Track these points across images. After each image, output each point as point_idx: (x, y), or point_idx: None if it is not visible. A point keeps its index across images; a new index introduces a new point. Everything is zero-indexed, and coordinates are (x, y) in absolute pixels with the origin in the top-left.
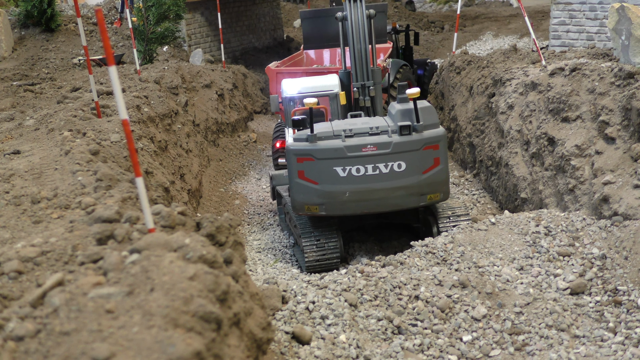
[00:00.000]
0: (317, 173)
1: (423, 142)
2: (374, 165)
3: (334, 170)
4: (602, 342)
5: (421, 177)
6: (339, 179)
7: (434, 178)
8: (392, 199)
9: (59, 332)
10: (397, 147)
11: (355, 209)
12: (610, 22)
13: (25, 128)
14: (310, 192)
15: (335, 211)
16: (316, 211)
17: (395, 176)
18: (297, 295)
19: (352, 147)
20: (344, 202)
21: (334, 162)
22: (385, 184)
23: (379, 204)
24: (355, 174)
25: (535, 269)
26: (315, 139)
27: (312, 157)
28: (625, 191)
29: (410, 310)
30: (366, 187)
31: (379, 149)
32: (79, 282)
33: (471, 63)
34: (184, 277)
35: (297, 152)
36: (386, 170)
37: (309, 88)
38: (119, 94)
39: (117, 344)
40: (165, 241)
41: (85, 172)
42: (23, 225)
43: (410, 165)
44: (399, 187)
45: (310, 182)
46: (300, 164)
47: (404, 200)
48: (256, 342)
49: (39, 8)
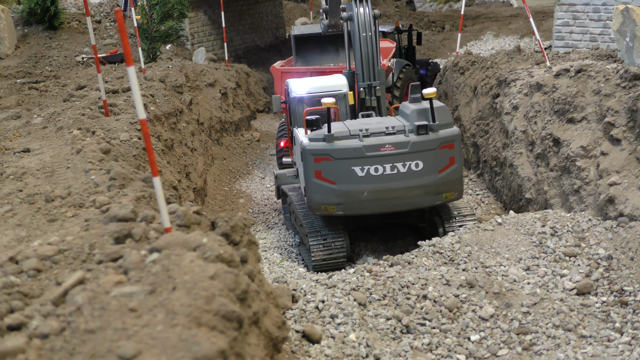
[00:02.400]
0: (335, 173)
1: (440, 141)
2: (392, 164)
3: (352, 170)
4: (609, 342)
5: (437, 176)
6: (357, 178)
7: (449, 177)
8: (409, 198)
9: (84, 330)
10: (415, 147)
11: (373, 208)
12: (614, 24)
13: (33, 126)
14: (328, 192)
15: (353, 211)
16: (333, 211)
17: (413, 175)
18: (307, 295)
19: (371, 147)
20: (362, 201)
21: (353, 161)
22: (403, 183)
23: (396, 203)
24: (374, 173)
25: (542, 269)
26: (333, 138)
27: (330, 156)
28: (631, 192)
29: (419, 309)
30: (384, 186)
31: (397, 148)
32: (100, 281)
33: (475, 63)
34: (204, 276)
35: (314, 152)
36: (404, 169)
37: (318, 88)
38: (137, 94)
39: (143, 342)
40: (184, 240)
41: (97, 170)
42: (38, 224)
43: (427, 165)
44: (416, 186)
45: (328, 182)
46: (318, 163)
47: (421, 200)
48: (272, 340)
49: (42, 6)
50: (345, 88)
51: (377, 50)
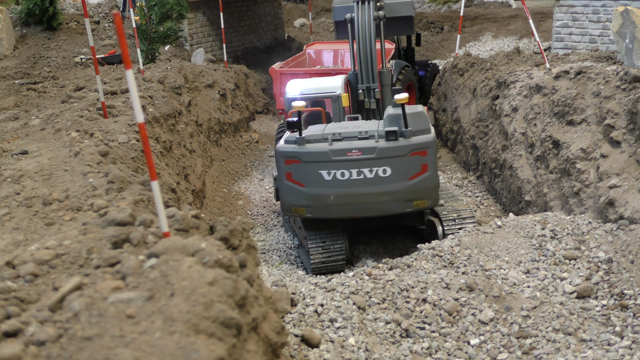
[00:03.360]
0: (304, 176)
1: (410, 148)
2: (359, 170)
3: (319, 174)
4: (609, 346)
5: (407, 183)
6: (324, 182)
7: (421, 184)
8: (378, 204)
9: (81, 337)
10: (382, 153)
11: (340, 212)
12: (614, 26)
13: (31, 128)
14: (297, 194)
15: (321, 214)
16: (303, 213)
17: (380, 181)
18: (306, 298)
19: (337, 151)
20: (329, 205)
21: (320, 165)
22: (370, 188)
23: (364, 208)
24: (340, 178)
25: (542, 273)
26: (304, 141)
27: (299, 159)
28: (631, 195)
29: (418, 313)
30: (351, 191)
31: (364, 153)
32: (98, 286)
33: (474, 65)
34: (203, 282)
35: (285, 155)
36: (371, 175)
37: (311, 89)
38: (135, 97)
39: (140, 349)
40: (183, 245)
41: (95, 173)
42: (36, 227)
43: (395, 171)
44: (384, 192)
45: (298, 185)
46: (288, 166)
47: (390, 206)
48: (271, 346)
49: (40, 6)
50: (339, 90)
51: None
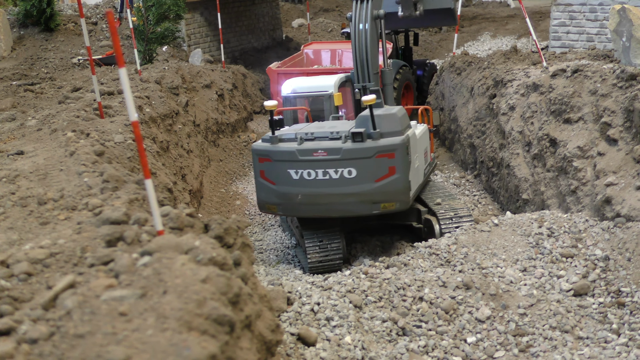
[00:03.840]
0: (275, 174)
1: (376, 150)
2: (325, 170)
3: (288, 173)
4: (606, 344)
5: (373, 185)
6: (292, 181)
7: (388, 187)
8: (343, 205)
9: (73, 335)
10: (347, 154)
11: (308, 212)
12: (611, 24)
13: (28, 128)
14: (270, 192)
15: (290, 212)
16: (275, 210)
17: (345, 182)
18: (302, 297)
19: (304, 151)
20: (297, 204)
21: (288, 164)
22: (335, 189)
23: (330, 208)
24: (307, 177)
25: (539, 271)
26: (277, 140)
27: (270, 158)
28: (628, 193)
29: (415, 311)
30: (317, 191)
31: (329, 154)
32: (91, 285)
33: (472, 64)
34: (196, 280)
35: (258, 153)
36: (336, 176)
37: (304, 88)
38: (129, 95)
39: (132, 347)
40: (176, 243)
41: (91, 173)
42: (30, 227)
43: (361, 173)
44: (349, 193)
45: (269, 182)
46: (262, 164)
47: (356, 207)
48: (266, 344)
49: (38, 7)
50: (331, 89)
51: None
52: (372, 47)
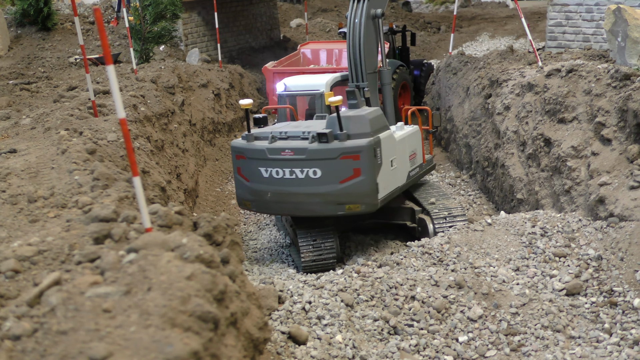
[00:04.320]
0: (248, 171)
1: (340, 151)
2: (291, 169)
3: (259, 170)
4: (598, 343)
5: (338, 186)
6: (262, 179)
7: (353, 189)
8: (309, 205)
9: (56, 332)
10: (312, 154)
11: (277, 210)
12: (606, 24)
13: (22, 127)
14: (245, 188)
15: (262, 210)
16: (249, 207)
17: (310, 183)
18: (294, 295)
19: (273, 150)
20: (267, 202)
21: (259, 162)
22: (301, 189)
23: (297, 207)
24: (275, 176)
25: (531, 270)
26: (252, 138)
27: (244, 155)
28: (621, 192)
29: (407, 310)
30: (284, 190)
31: (296, 154)
32: (76, 282)
33: (468, 64)
34: (181, 277)
35: (235, 150)
36: (302, 175)
37: (298, 86)
38: (116, 93)
39: (115, 343)
40: (163, 240)
41: (82, 171)
42: (20, 224)
43: (326, 174)
44: (314, 193)
45: (244, 179)
46: (238, 160)
47: (321, 208)
48: (253, 341)
49: (35, 7)
50: (323, 88)
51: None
52: (367, 47)
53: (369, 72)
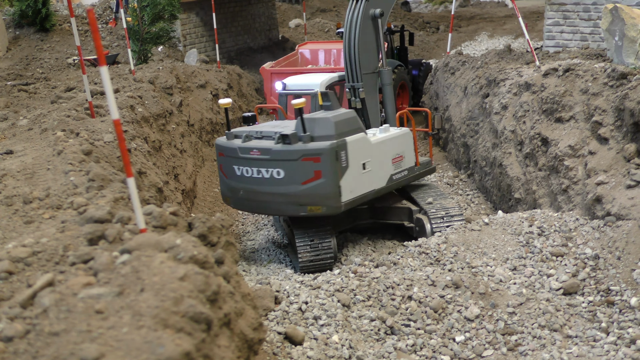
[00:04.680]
0: (226, 168)
1: (301, 153)
2: (258, 169)
3: (233, 168)
4: (595, 342)
5: (299, 187)
6: (236, 176)
7: (314, 190)
8: (275, 204)
9: (48, 333)
10: (276, 155)
11: (249, 207)
12: (603, 23)
13: (19, 128)
14: (224, 184)
15: (238, 206)
16: (229, 203)
17: (274, 183)
18: (290, 296)
19: (244, 149)
20: (241, 199)
21: (233, 160)
22: (267, 188)
23: (264, 207)
24: (245, 174)
25: (529, 269)
26: (232, 136)
27: (223, 153)
28: (618, 191)
29: (403, 310)
30: (253, 188)
31: (262, 154)
32: (69, 283)
33: (465, 63)
34: (174, 278)
35: (217, 147)
36: (267, 175)
37: (294, 85)
38: (110, 94)
39: (107, 344)
40: (156, 241)
41: (77, 172)
42: (15, 226)
43: (288, 174)
44: (278, 193)
45: (224, 176)
46: (220, 157)
47: (285, 207)
48: (247, 342)
49: (33, 8)
50: (317, 87)
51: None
52: (363, 47)
53: (364, 72)
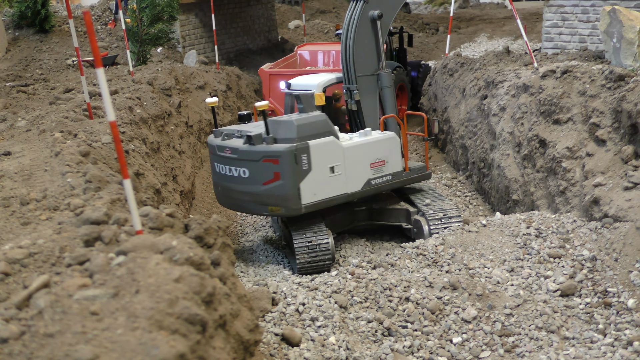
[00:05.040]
0: (212, 165)
1: (262, 154)
2: (229, 167)
3: (214, 165)
4: (592, 344)
5: (261, 187)
6: (216, 173)
7: (274, 191)
8: (243, 203)
9: (43, 334)
10: (241, 155)
11: (226, 204)
12: (601, 25)
13: (17, 129)
14: (213, 180)
15: (221, 202)
16: (217, 199)
17: (241, 181)
18: (287, 297)
19: (220, 147)
20: (220, 195)
21: (213, 157)
22: (236, 186)
23: (235, 204)
24: (222, 172)
25: (526, 271)
26: (219, 134)
27: (210, 150)
28: (616, 193)
29: (401, 312)
30: (227, 185)
31: (232, 153)
32: (65, 284)
33: (464, 65)
34: (169, 279)
35: (208, 144)
36: (236, 174)
37: (296, 85)
38: (106, 96)
39: (101, 346)
40: (152, 243)
41: (75, 173)
42: (11, 227)
43: (252, 174)
44: (245, 192)
45: (213, 171)
46: (210, 154)
47: (251, 206)
48: (243, 343)
49: (33, 9)
50: (314, 88)
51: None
52: (359, 49)
53: (359, 74)
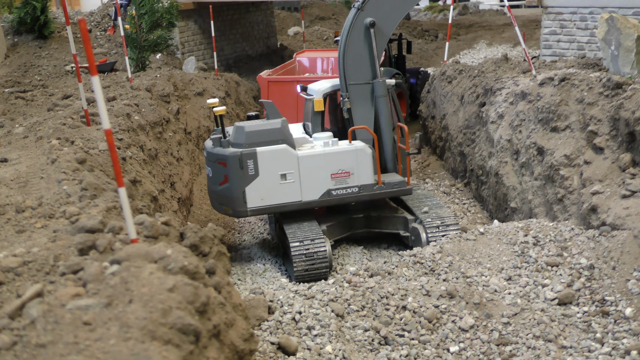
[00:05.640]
0: None
1: (216, 157)
2: (207, 168)
3: None
4: (589, 353)
5: (218, 188)
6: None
7: (224, 192)
8: (214, 202)
9: (35, 344)
10: (207, 156)
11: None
12: (599, 32)
13: (14, 136)
14: None
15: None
16: None
17: (210, 181)
18: (284, 306)
19: (205, 149)
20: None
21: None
22: (209, 185)
23: (214, 204)
24: (206, 173)
25: (524, 279)
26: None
27: None
28: (614, 201)
29: (398, 320)
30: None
31: (206, 154)
32: (58, 294)
33: (462, 72)
34: (163, 289)
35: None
36: (210, 175)
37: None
38: (101, 103)
39: (93, 356)
40: (146, 252)
41: (70, 181)
42: (6, 235)
43: (213, 175)
44: (211, 191)
45: None
46: None
47: (215, 205)
48: (238, 353)
49: (32, 15)
50: (314, 94)
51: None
52: (350, 57)
53: (350, 82)
